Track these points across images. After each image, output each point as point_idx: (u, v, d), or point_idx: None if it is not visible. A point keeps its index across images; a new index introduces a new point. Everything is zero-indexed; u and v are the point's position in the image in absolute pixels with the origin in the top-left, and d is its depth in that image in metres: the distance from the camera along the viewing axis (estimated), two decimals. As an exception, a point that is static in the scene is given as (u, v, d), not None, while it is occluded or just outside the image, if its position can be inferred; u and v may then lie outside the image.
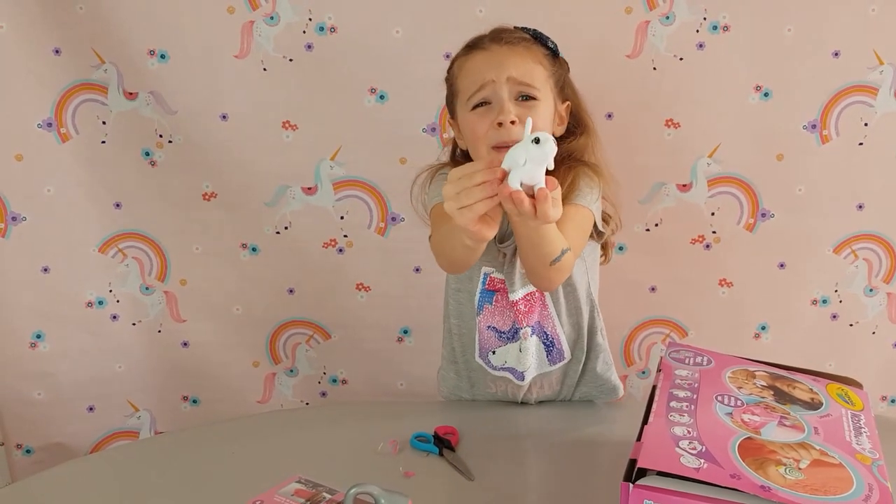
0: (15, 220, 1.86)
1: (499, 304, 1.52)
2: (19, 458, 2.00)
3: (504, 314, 1.53)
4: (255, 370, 2.10)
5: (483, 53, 1.43)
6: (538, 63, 1.43)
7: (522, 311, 1.49)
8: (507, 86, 1.38)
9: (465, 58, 1.46)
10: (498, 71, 1.38)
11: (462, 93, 1.44)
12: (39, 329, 1.94)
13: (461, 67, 1.47)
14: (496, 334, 1.54)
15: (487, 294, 1.52)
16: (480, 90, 1.39)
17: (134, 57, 1.80)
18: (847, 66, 1.83)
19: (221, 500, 1.25)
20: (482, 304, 1.53)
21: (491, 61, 1.41)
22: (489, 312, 1.53)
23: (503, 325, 1.53)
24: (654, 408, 1.18)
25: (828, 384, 1.29)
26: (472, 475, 1.36)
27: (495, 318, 1.53)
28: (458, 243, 1.25)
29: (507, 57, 1.41)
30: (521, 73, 1.39)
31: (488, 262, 1.50)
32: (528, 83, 1.39)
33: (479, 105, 1.40)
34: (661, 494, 0.99)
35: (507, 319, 1.53)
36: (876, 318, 2.04)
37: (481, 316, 1.54)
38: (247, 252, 1.99)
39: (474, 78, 1.41)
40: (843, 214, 1.95)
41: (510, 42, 1.43)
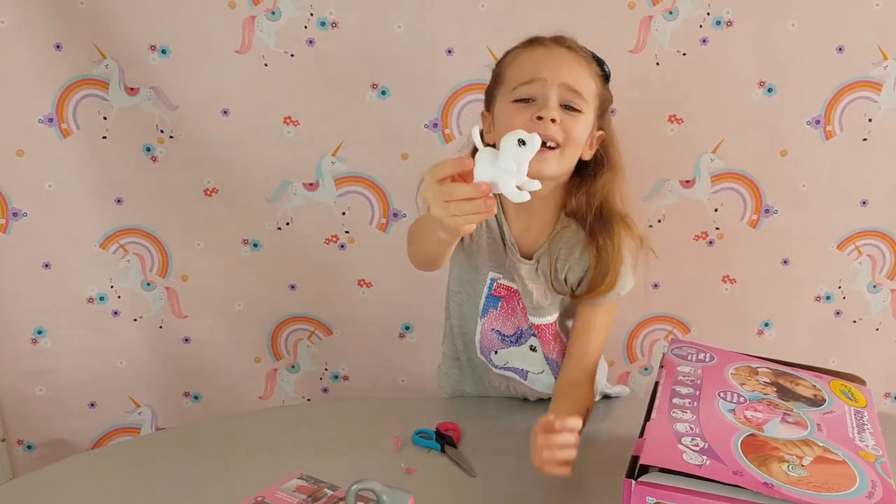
0: (16, 216, 1.85)
1: (504, 310, 1.51)
2: (20, 454, 2.00)
3: (509, 320, 1.52)
4: (257, 366, 2.10)
5: (543, 50, 1.39)
6: (592, 78, 1.39)
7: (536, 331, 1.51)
8: (557, 90, 1.33)
9: (522, 50, 1.42)
10: (554, 72, 1.34)
11: (508, 82, 1.38)
12: (40, 325, 1.93)
13: (515, 58, 1.41)
14: (499, 337, 1.54)
15: (493, 299, 1.51)
16: (529, 84, 1.34)
17: (135, 52, 1.80)
18: (851, 61, 1.82)
19: (223, 496, 1.25)
20: (487, 308, 1.52)
21: (549, 60, 1.37)
22: (493, 316, 1.52)
23: (507, 330, 1.53)
24: (656, 404, 1.18)
25: (831, 381, 1.29)
26: (473, 471, 1.36)
27: (500, 322, 1.52)
28: (434, 237, 1.21)
29: (567, 61, 1.37)
30: (576, 81, 1.35)
31: (495, 267, 1.49)
32: (580, 93, 1.35)
33: (522, 100, 1.34)
34: (663, 491, 0.99)
35: (511, 325, 1.52)
36: (879, 315, 2.04)
37: (485, 319, 1.53)
38: (248, 248, 1.98)
39: (527, 69, 1.36)
40: (846, 210, 1.94)
41: (572, 48, 1.40)
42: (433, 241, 1.24)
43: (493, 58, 1.80)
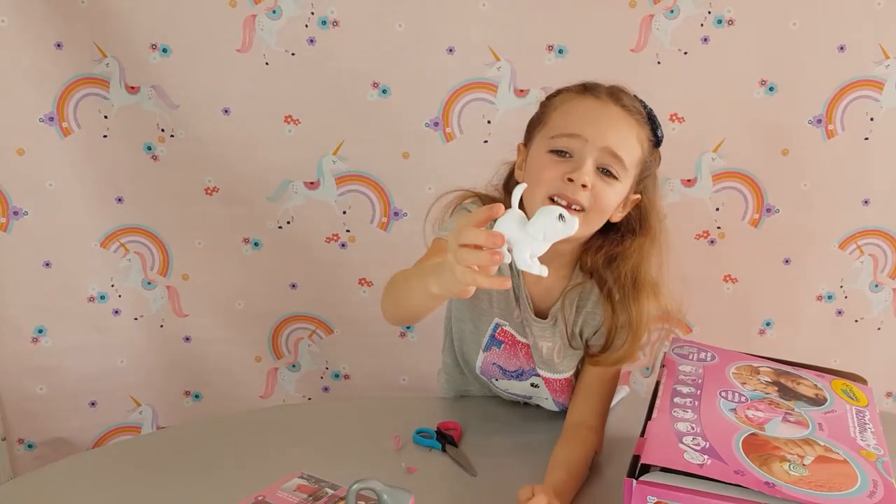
0: (16, 215, 1.85)
1: (507, 352, 1.48)
2: (21, 452, 2.00)
3: (511, 360, 1.49)
4: (258, 365, 2.09)
5: (595, 102, 1.30)
6: (638, 143, 1.31)
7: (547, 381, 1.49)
8: (597, 152, 1.25)
9: (573, 95, 1.33)
10: (598, 131, 1.26)
11: (549, 128, 1.31)
12: (41, 324, 1.93)
13: (563, 102, 1.33)
14: (500, 370, 1.51)
15: (495, 340, 1.47)
16: (569, 138, 1.26)
17: (136, 51, 1.80)
18: (853, 60, 1.82)
19: (223, 495, 1.25)
20: (489, 345, 1.49)
21: (598, 117, 1.28)
22: (495, 354, 1.49)
23: (509, 367, 1.50)
24: (657, 404, 1.18)
25: (832, 380, 1.29)
26: (474, 471, 1.36)
27: (502, 360, 1.49)
28: (423, 290, 1.11)
29: (615, 123, 1.29)
30: (618, 145, 1.26)
31: (502, 314, 1.44)
32: (621, 159, 1.26)
33: (559, 152, 1.27)
34: (664, 490, 0.99)
35: (513, 364, 1.49)
36: (881, 314, 2.04)
37: (487, 353, 1.50)
38: (249, 247, 1.98)
39: (572, 121, 1.28)
40: (848, 210, 1.94)
41: (626, 107, 1.30)
42: (421, 295, 1.15)
43: (494, 57, 1.80)
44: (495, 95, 1.86)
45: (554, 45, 1.82)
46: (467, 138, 1.88)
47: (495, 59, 1.82)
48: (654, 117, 1.36)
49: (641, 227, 1.39)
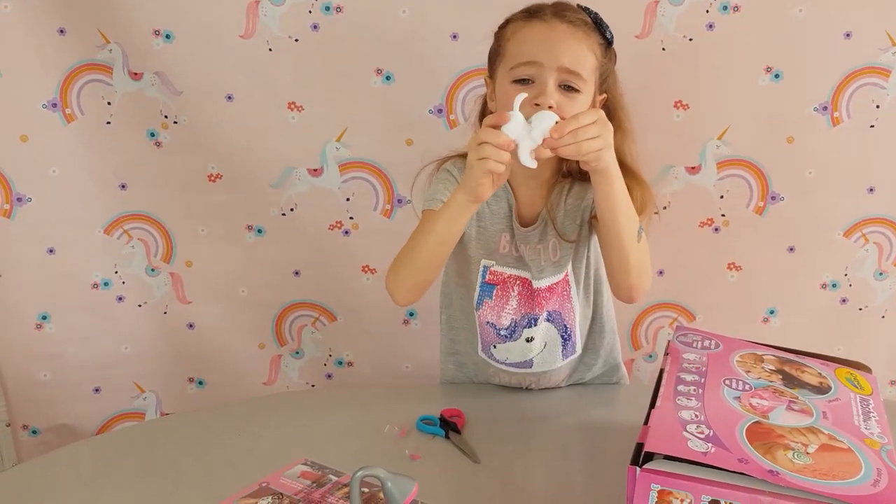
0: (20, 202, 1.85)
1: (499, 299, 1.50)
2: (26, 438, 2.01)
3: (504, 309, 1.50)
4: (261, 352, 2.10)
5: (542, 26, 1.36)
6: (591, 52, 1.37)
7: (544, 297, 1.49)
8: (555, 73, 1.32)
9: (522, 24, 1.39)
10: (551, 54, 1.32)
11: (507, 59, 1.37)
12: (45, 310, 1.94)
13: (514, 32, 1.39)
14: (494, 331, 1.53)
15: (487, 288, 1.50)
16: (527, 66, 1.33)
17: (139, 37, 1.79)
18: (859, 47, 1.81)
19: (227, 481, 1.25)
20: (482, 298, 1.51)
21: (547, 40, 1.34)
22: (488, 308, 1.51)
23: (502, 322, 1.52)
24: (661, 391, 1.18)
25: (836, 368, 1.29)
26: (478, 458, 1.36)
27: (494, 313, 1.51)
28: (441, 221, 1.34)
29: (564, 40, 1.34)
30: (573, 61, 1.33)
31: (487, 254, 1.49)
32: (578, 73, 1.33)
33: (521, 81, 1.34)
34: (668, 478, 0.99)
35: (506, 316, 1.51)
36: (886, 303, 2.04)
37: (480, 311, 1.52)
38: (252, 234, 1.98)
39: (525, 50, 1.34)
40: (853, 198, 1.94)
41: (572, 22, 1.36)
42: (440, 224, 1.34)
43: (498, 43, 1.79)
44: (499, 82, 1.85)
45: (558, 31, 1.81)
46: (471, 125, 1.87)
47: (499, 45, 1.82)
48: (600, 21, 1.41)
49: (612, 123, 1.38)
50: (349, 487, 1.04)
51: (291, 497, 1.22)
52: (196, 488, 1.25)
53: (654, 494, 0.99)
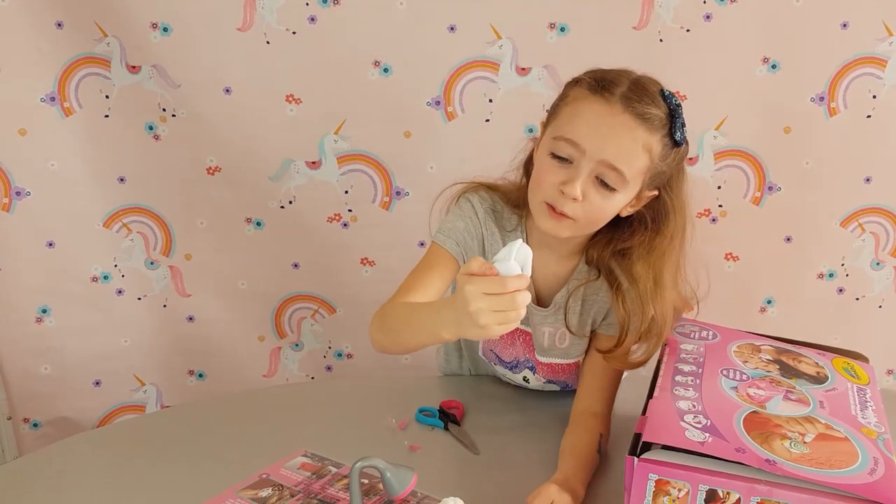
0: (19, 195, 1.85)
1: (503, 342, 1.46)
2: (27, 431, 2.01)
3: (507, 348, 1.48)
4: (261, 344, 2.10)
5: (602, 108, 1.20)
6: (646, 152, 1.21)
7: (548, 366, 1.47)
8: (594, 164, 1.19)
9: (586, 95, 1.23)
10: (597, 145, 1.19)
11: (556, 125, 1.25)
12: (45, 304, 1.94)
13: (575, 100, 1.24)
14: (497, 359, 1.51)
15: None
16: (569, 144, 1.20)
17: (136, 30, 1.79)
18: (856, 37, 1.82)
19: (228, 473, 1.26)
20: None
21: (601, 127, 1.20)
22: (492, 341, 1.48)
23: (505, 356, 1.50)
24: (659, 382, 1.18)
25: (833, 358, 1.29)
26: (477, 449, 1.36)
27: (498, 347, 1.49)
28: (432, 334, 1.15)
29: (618, 134, 1.19)
30: (618, 158, 1.19)
31: None
32: (619, 172, 1.19)
33: (560, 157, 1.21)
34: (665, 468, 0.99)
35: (509, 353, 1.49)
36: (882, 292, 2.04)
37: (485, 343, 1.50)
38: (251, 227, 1.98)
39: (574, 127, 1.21)
40: (850, 188, 1.94)
41: (638, 115, 1.19)
42: (428, 336, 1.18)
43: (495, 35, 1.80)
44: (497, 74, 1.85)
45: (556, 22, 1.81)
46: (469, 117, 1.88)
47: (497, 37, 1.82)
48: (677, 114, 1.24)
49: (655, 224, 1.32)
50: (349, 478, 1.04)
51: (291, 488, 1.23)
52: (196, 480, 1.25)
53: (651, 484, 1.00)
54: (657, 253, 1.31)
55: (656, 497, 1.00)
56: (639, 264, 1.31)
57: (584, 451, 1.30)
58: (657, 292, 1.30)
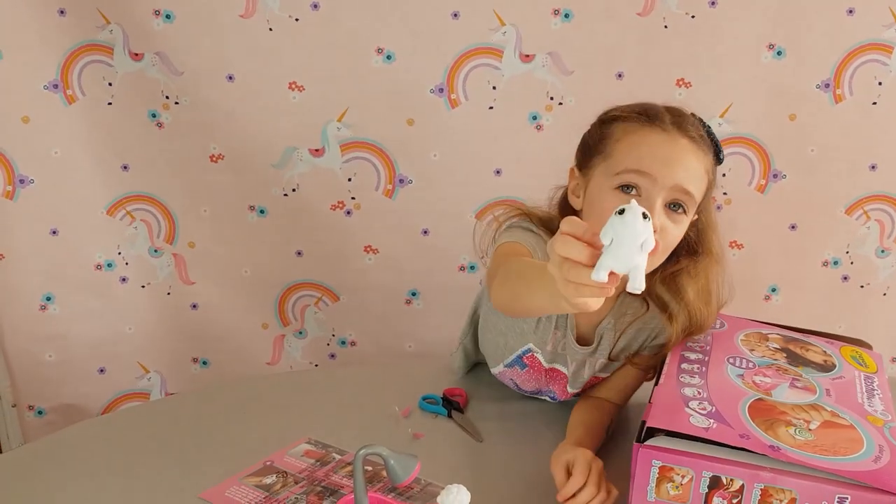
0: (23, 183, 1.85)
1: (529, 375, 1.44)
2: (31, 419, 2.02)
3: (530, 382, 1.46)
4: (264, 332, 2.10)
5: (662, 136, 1.21)
6: (706, 173, 1.23)
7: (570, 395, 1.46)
8: (667, 191, 1.18)
9: (638, 127, 1.23)
10: (669, 171, 1.18)
11: (613, 162, 1.22)
12: (49, 291, 1.94)
13: (627, 134, 1.23)
14: (515, 387, 1.50)
15: (521, 363, 1.43)
16: (638, 175, 1.18)
17: (139, 17, 1.78)
18: (861, 23, 1.81)
19: (232, 460, 1.26)
20: (512, 364, 1.45)
21: (668, 154, 1.20)
22: (516, 373, 1.46)
23: (526, 387, 1.48)
24: (665, 370, 1.19)
25: (842, 346, 1.29)
26: (480, 436, 1.37)
27: (520, 379, 1.47)
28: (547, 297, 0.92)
29: (684, 158, 1.20)
30: (690, 182, 1.19)
31: (537, 341, 1.39)
32: (691, 195, 1.19)
33: (626, 188, 1.19)
34: (669, 455, 1.00)
35: (531, 385, 1.47)
36: (887, 280, 2.04)
37: (508, 370, 1.47)
38: (254, 214, 1.98)
39: (640, 157, 1.19)
40: (855, 175, 1.94)
41: (693, 138, 1.22)
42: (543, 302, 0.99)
43: (499, 21, 1.79)
44: (501, 61, 1.84)
45: (560, 8, 1.80)
46: (472, 104, 1.87)
47: (500, 23, 1.81)
48: (715, 138, 1.28)
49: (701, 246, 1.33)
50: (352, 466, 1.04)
51: (295, 475, 1.23)
52: (201, 467, 1.26)
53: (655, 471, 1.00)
54: (703, 273, 1.31)
55: (660, 484, 1.00)
56: (689, 287, 1.30)
57: (594, 425, 1.33)
58: (708, 311, 1.31)
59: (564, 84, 1.86)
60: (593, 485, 1.12)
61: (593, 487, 1.11)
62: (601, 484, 1.13)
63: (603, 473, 1.15)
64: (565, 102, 1.86)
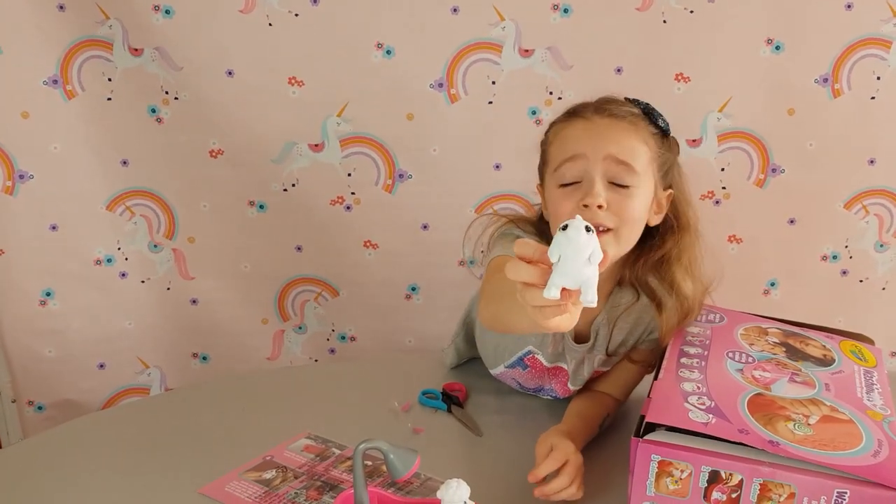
0: (22, 178, 1.85)
1: (531, 374, 1.45)
2: (31, 414, 2.02)
3: (532, 380, 1.46)
4: (264, 327, 2.10)
5: (582, 123, 1.26)
6: (643, 143, 1.25)
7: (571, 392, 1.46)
8: (602, 164, 1.21)
9: (563, 125, 1.30)
10: (595, 145, 1.22)
11: (552, 162, 1.28)
12: (49, 287, 1.94)
13: (556, 134, 1.30)
14: (518, 385, 1.50)
15: (522, 364, 1.44)
16: (571, 162, 1.22)
17: (138, 12, 1.78)
18: (860, 18, 1.80)
19: (232, 455, 1.26)
20: (514, 365, 1.45)
21: (590, 133, 1.24)
22: (518, 373, 1.46)
23: (529, 385, 1.49)
24: (664, 364, 1.19)
25: (841, 341, 1.29)
26: (480, 431, 1.37)
27: (522, 378, 1.47)
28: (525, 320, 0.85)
29: (608, 131, 1.24)
30: (621, 151, 1.22)
31: (536, 343, 1.40)
32: (628, 163, 1.21)
33: (569, 184, 1.23)
34: (668, 449, 1.00)
35: (534, 383, 1.47)
36: (886, 274, 2.04)
37: (510, 370, 1.47)
38: (254, 209, 1.98)
39: (567, 148, 1.25)
40: (854, 169, 1.94)
41: (615, 115, 1.26)
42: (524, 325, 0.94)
43: (498, 16, 1.79)
44: (500, 56, 1.84)
45: (559, 4, 1.80)
46: (472, 99, 1.87)
47: (500, 18, 1.81)
48: (651, 110, 1.30)
49: (679, 223, 1.34)
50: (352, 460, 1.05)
51: (295, 470, 1.23)
52: (201, 462, 1.26)
53: (654, 466, 1.00)
54: (686, 251, 1.34)
55: (659, 478, 1.01)
56: (676, 269, 1.32)
57: (590, 416, 1.34)
58: (696, 288, 1.33)
59: (564, 79, 1.86)
60: (566, 475, 1.14)
61: (566, 478, 1.13)
62: (576, 478, 1.15)
63: (581, 470, 1.16)
64: (565, 97, 1.86)
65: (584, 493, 1.15)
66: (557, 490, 1.13)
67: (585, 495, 1.15)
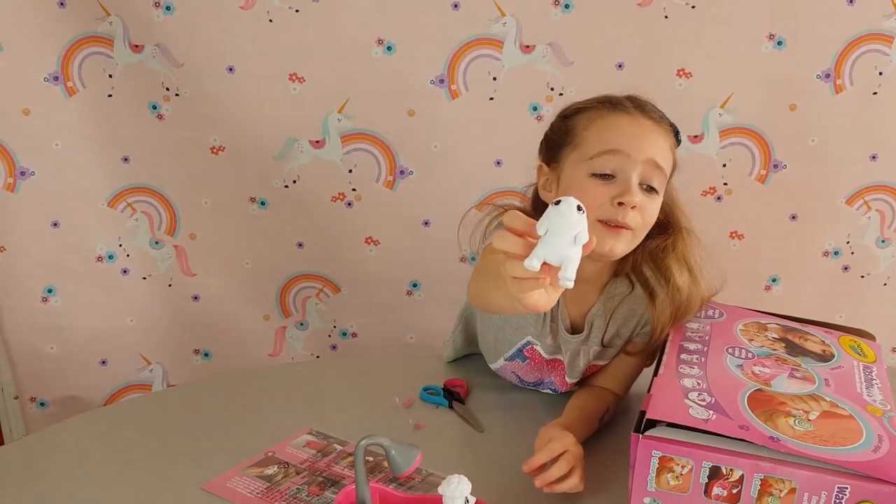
0: (23, 175, 1.85)
1: (530, 366, 1.45)
2: (33, 410, 2.02)
3: (532, 373, 1.46)
4: (266, 323, 2.10)
5: (627, 118, 1.26)
6: (672, 150, 1.29)
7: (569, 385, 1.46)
8: (642, 166, 1.22)
9: (602, 112, 1.28)
10: (639, 146, 1.22)
11: (584, 148, 1.26)
12: (50, 283, 1.94)
13: (593, 121, 1.28)
14: (518, 379, 1.50)
15: (521, 355, 1.44)
16: (611, 155, 1.22)
17: (139, 9, 1.78)
18: (862, 13, 1.80)
19: (234, 451, 1.27)
20: (513, 357, 1.45)
21: (635, 132, 1.25)
22: (518, 366, 1.46)
23: (528, 378, 1.49)
24: (664, 360, 1.19)
25: (840, 336, 1.29)
26: (481, 427, 1.37)
27: (522, 371, 1.47)
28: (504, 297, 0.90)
29: (652, 134, 1.26)
30: (660, 156, 1.24)
31: (535, 333, 1.39)
32: (663, 170, 1.24)
33: (601, 175, 1.22)
34: (669, 445, 1.00)
35: (533, 376, 1.47)
36: (888, 270, 2.04)
37: (509, 363, 1.47)
38: (255, 206, 1.98)
39: (608, 139, 1.23)
40: (856, 165, 1.93)
41: (654, 118, 1.28)
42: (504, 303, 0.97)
43: (499, 12, 1.79)
44: (501, 52, 1.84)
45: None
46: (473, 95, 1.87)
47: (501, 14, 1.81)
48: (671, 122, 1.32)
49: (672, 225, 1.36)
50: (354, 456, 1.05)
51: (297, 466, 1.23)
52: (203, 458, 1.26)
53: (654, 461, 1.00)
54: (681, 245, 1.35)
55: (660, 474, 1.01)
56: (671, 259, 1.33)
57: (590, 410, 1.34)
58: (693, 283, 1.33)
59: (565, 75, 1.86)
60: (564, 461, 1.13)
61: (564, 464, 1.13)
62: (576, 468, 1.14)
63: (581, 461, 1.16)
64: (566, 93, 1.86)
65: (585, 487, 1.15)
66: (556, 475, 1.12)
67: (586, 490, 1.15)
